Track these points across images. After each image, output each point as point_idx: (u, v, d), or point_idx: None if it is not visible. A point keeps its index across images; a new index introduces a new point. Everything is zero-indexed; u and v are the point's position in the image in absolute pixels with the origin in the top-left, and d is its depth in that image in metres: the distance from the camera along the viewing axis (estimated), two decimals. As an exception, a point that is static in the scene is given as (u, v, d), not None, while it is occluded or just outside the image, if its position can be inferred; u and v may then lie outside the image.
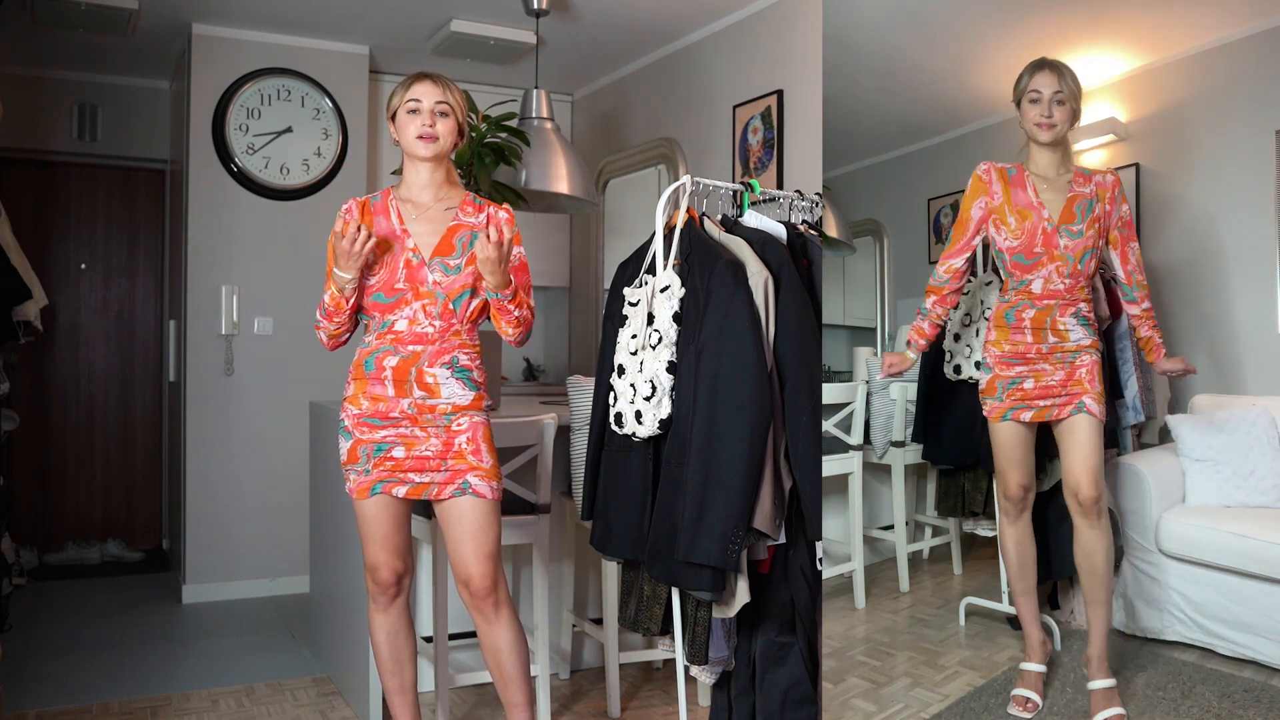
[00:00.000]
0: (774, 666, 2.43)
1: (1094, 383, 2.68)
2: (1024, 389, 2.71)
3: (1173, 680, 2.86)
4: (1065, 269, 2.69)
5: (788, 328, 2.33)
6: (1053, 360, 2.69)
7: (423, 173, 2.47)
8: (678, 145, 4.70)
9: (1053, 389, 2.70)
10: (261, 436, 4.73)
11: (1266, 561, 2.79)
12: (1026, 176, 2.76)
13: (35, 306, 3.93)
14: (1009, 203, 2.73)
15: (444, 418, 2.41)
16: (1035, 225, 2.69)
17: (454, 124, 2.44)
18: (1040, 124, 2.69)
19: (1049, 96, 2.68)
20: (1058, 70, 2.70)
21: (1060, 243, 2.69)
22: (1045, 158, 2.76)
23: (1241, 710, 2.66)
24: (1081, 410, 2.66)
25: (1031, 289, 2.71)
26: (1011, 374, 2.72)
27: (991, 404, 2.77)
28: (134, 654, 3.80)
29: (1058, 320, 2.69)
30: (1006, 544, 2.90)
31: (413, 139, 2.42)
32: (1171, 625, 3.07)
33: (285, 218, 4.78)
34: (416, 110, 2.40)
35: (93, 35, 4.55)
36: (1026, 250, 2.69)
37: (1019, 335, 2.71)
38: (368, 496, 2.44)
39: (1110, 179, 2.78)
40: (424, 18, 4.47)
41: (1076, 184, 2.74)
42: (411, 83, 2.44)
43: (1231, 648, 2.92)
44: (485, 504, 2.42)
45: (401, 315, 2.41)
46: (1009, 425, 2.76)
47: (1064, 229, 2.69)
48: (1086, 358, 2.69)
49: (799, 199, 2.76)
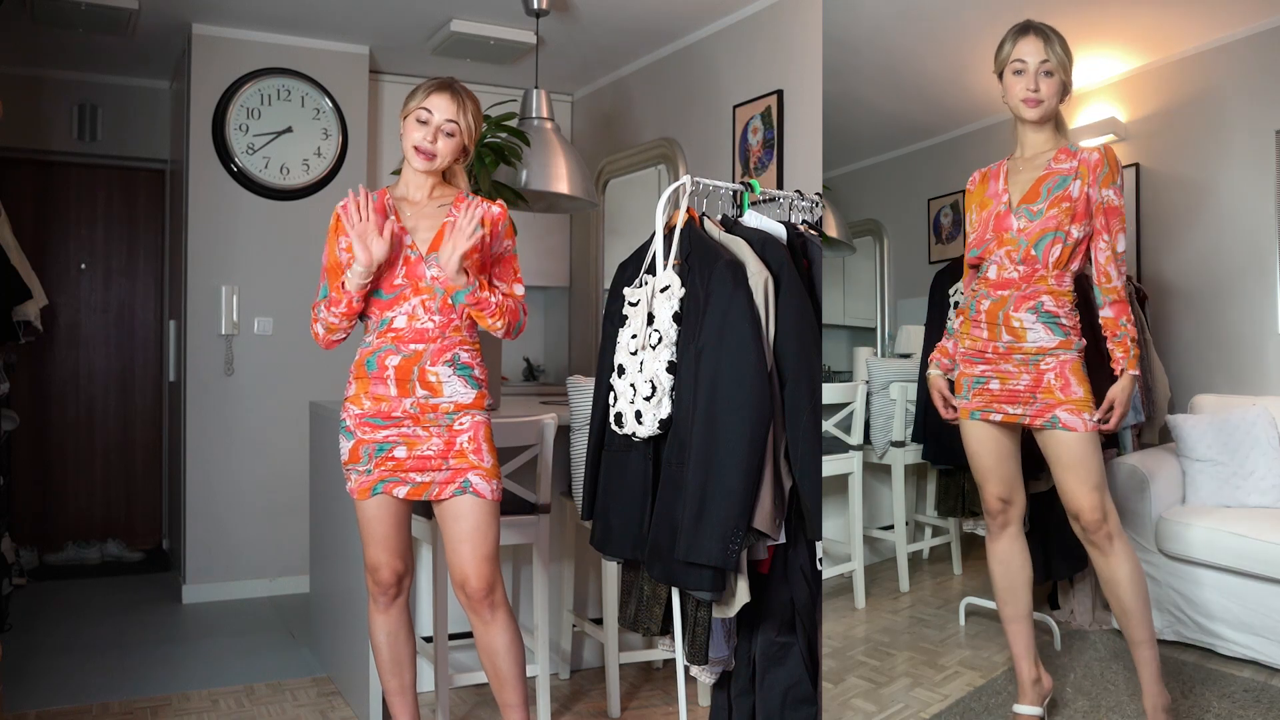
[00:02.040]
0: (774, 666, 2.43)
1: (1068, 389, 2.34)
2: (990, 390, 2.45)
3: (1173, 680, 2.84)
4: (1016, 254, 2.38)
5: (788, 328, 2.33)
6: (1013, 361, 2.40)
7: (418, 175, 2.49)
8: (678, 145, 4.70)
9: (1020, 394, 2.40)
10: (261, 436, 4.73)
11: (1266, 561, 2.79)
12: (1002, 167, 2.50)
13: (35, 306, 3.94)
14: (977, 199, 2.52)
15: (446, 416, 2.41)
16: (992, 211, 2.45)
17: (458, 144, 2.44)
18: (1028, 100, 2.36)
19: (1035, 67, 2.34)
20: (1044, 35, 2.34)
21: (1013, 224, 2.39)
22: (1033, 138, 2.44)
23: (1241, 710, 2.66)
24: (1056, 425, 2.35)
25: (987, 275, 2.45)
26: (975, 372, 2.47)
27: (960, 403, 2.52)
28: (134, 654, 3.80)
29: (1011, 315, 2.38)
30: (990, 562, 2.63)
31: (410, 149, 2.42)
32: (1171, 625, 3.07)
33: (285, 218, 4.78)
34: (425, 121, 2.40)
35: (93, 35, 4.55)
36: (980, 240, 2.46)
37: (977, 330, 2.46)
38: (369, 496, 2.44)
39: (1096, 157, 2.37)
40: (424, 18, 4.47)
41: (1055, 161, 2.41)
42: (431, 91, 2.42)
43: (1231, 648, 2.92)
44: (485, 504, 2.42)
45: (400, 311, 2.41)
46: (979, 426, 2.48)
47: (1022, 209, 2.39)
48: (1052, 360, 2.36)
49: (799, 199, 2.76)
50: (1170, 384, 3.56)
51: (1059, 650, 3.08)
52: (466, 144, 2.46)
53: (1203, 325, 3.45)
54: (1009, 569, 2.59)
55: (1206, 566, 2.96)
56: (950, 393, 2.60)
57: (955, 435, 3.34)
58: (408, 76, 5.29)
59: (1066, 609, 3.33)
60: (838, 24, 3.68)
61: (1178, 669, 2.92)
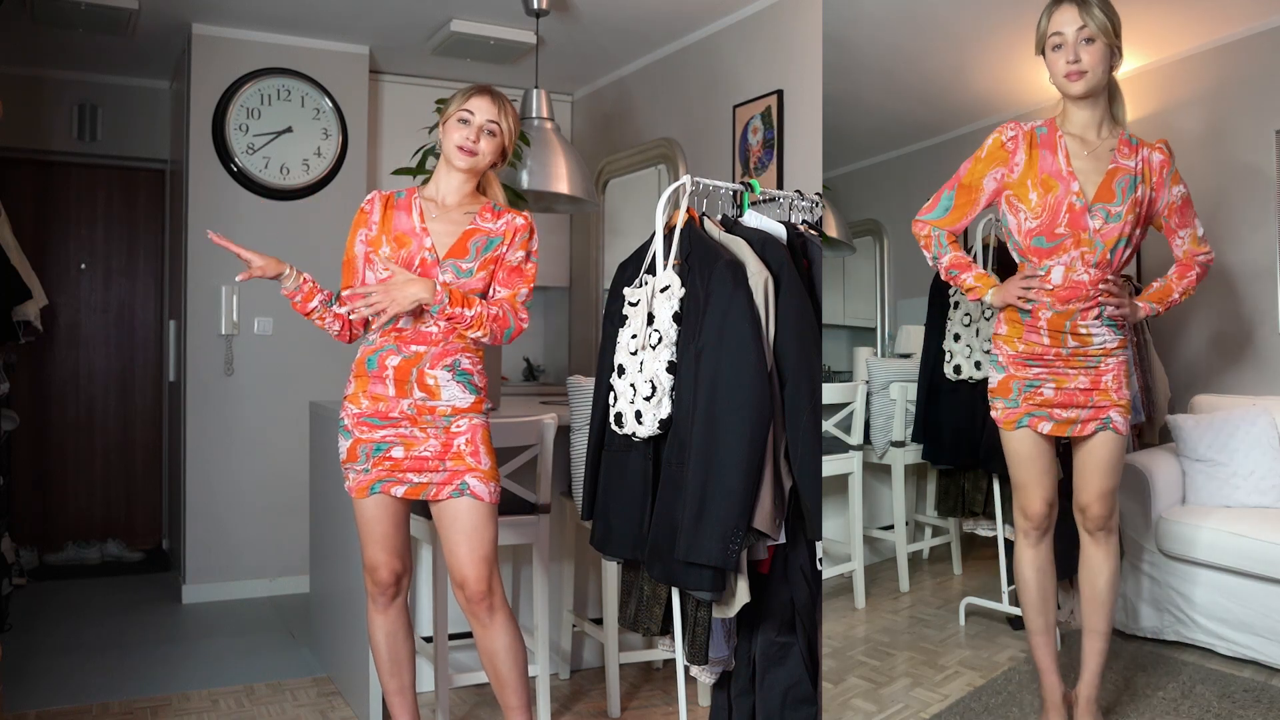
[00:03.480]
0: (774, 666, 2.43)
1: (1121, 391, 2.33)
2: (1043, 395, 2.35)
3: (1173, 680, 2.85)
4: (1092, 257, 2.26)
5: (788, 328, 2.33)
6: (1075, 364, 2.32)
7: (454, 179, 2.50)
8: (678, 145, 4.70)
9: (1076, 398, 2.33)
10: (261, 436, 4.73)
11: (1266, 561, 2.78)
12: (1059, 137, 2.29)
13: (35, 306, 3.94)
14: (1032, 173, 2.28)
15: (443, 419, 2.41)
16: (1061, 200, 2.25)
17: (499, 145, 2.47)
18: (1070, 74, 2.21)
19: (1074, 37, 2.19)
20: (1081, 2, 2.19)
21: (1089, 225, 2.25)
22: (1082, 115, 2.29)
23: (1241, 710, 2.66)
24: (1108, 427, 2.33)
25: (1051, 277, 2.29)
26: (1029, 375, 2.35)
27: (1004, 408, 2.40)
28: (134, 654, 3.80)
29: (1079, 323, 2.30)
30: (1025, 571, 2.51)
31: (453, 147, 2.44)
32: (1171, 625, 3.06)
33: (285, 218, 4.78)
34: (467, 121, 2.43)
35: (93, 35, 4.55)
36: (1048, 230, 2.27)
37: (1034, 335, 2.34)
38: (366, 495, 2.44)
39: (1159, 158, 2.31)
40: (424, 18, 4.47)
41: (1121, 154, 2.28)
42: (471, 94, 2.46)
43: (1231, 648, 2.92)
44: (482, 506, 2.41)
45: (406, 312, 2.42)
46: (1026, 435, 2.38)
47: (1099, 208, 2.24)
48: (1113, 361, 2.32)
49: (799, 199, 2.76)
50: (1170, 384, 3.55)
51: (1059, 650, 3.08)
52: (506, 146, 2.49)
53: (1203, 324, 3.44)
54: (1045, 576, 2.52)
55: (1206, 566, 2.96)
56: None
57: (955, 435, 3.34)
58: (408, 76, 5.29)
59: (1067, 609, 3.33)
60: (838, 24, 3.68)
61: (1177, 669, 2.92)
